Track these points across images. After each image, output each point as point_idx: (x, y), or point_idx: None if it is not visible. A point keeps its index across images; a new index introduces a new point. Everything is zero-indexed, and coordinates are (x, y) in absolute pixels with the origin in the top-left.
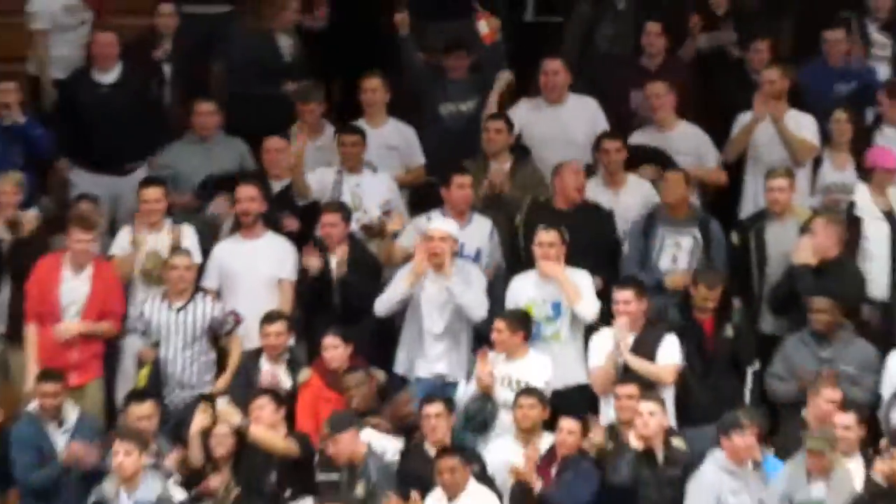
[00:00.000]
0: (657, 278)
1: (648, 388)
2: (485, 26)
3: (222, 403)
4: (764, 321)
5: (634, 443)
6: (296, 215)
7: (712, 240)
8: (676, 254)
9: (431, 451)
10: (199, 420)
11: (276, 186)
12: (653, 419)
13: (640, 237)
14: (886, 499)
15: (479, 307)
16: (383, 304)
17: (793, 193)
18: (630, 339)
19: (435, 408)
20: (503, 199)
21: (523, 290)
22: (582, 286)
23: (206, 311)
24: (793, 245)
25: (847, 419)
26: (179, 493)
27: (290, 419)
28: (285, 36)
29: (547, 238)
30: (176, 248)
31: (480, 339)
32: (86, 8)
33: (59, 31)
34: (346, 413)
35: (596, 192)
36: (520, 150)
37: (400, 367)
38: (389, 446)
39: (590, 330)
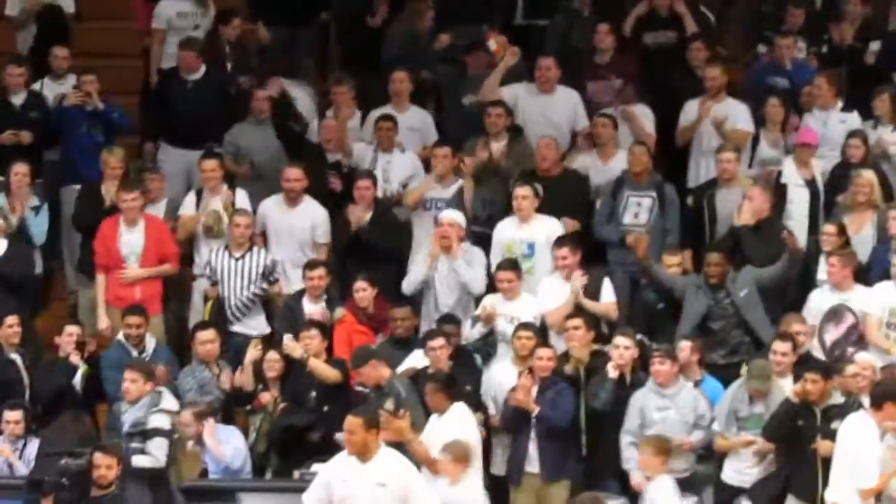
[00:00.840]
0: (622, 232)
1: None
2: (493, 44)
3: (288, 338)
4: None
5: (612, 372)
6: (342, 178)
7: (667, 200)
8: (638, 211)
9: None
10: (251, 354)
11: (331, 158)
12: (627, 352)
13: (609, 197)
14: (801, 414)
15: (478, 284)
16: (409, 285)
17: (739, 165)
18: (580, 287)
19: (438, 342)
20: (499, 170)
21: (505, 232)
22: (542, 230)
23: (260, 261)
24: (737, 207)
25: (784, 346)
26: (159, 421)
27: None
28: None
29: (521, 192)
30: (237, 210)
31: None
32: (203, 14)
33: (175, 32)
34: (364, 349)
35: (590, 162)
36: (515, 130)
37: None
38: None
39: None
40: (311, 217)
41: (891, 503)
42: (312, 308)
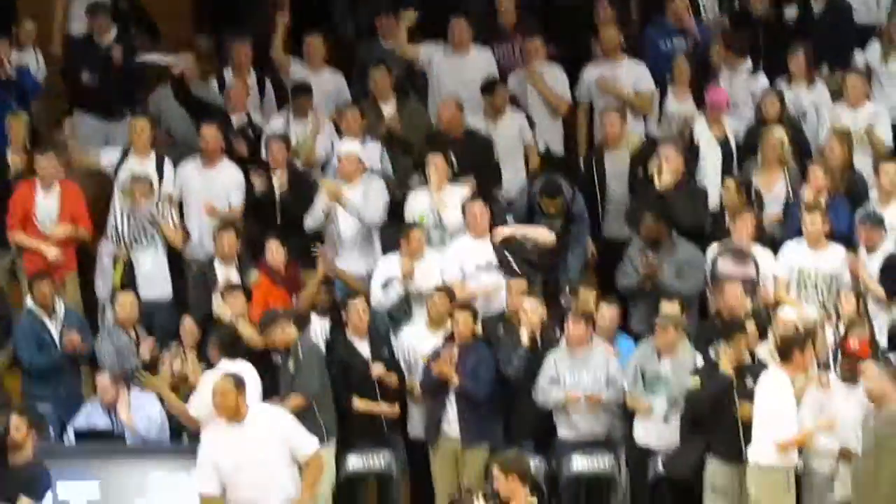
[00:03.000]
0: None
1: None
2: None
3: (216, 301)
4: (608, 228)
5: (525, 339)
6: (248, 143)
7: (576, 217)
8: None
9: (351, 335)
10: (174, 365)
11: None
12: (535, 315)
13: (523, 219)
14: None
15: (372, 214)
16: (311, 221)
17: (625, 127)
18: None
19: (361, 303)
20: (394, 135)
21: (418, 202)
22: (451, 198)
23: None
24: (625, 167)
25: (672, 308)
26: None
27: None
28: None
29: (433, 160)
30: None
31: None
32: None
33: None
34: (270, 313)
35: (478, 123)
36: (402, 92)
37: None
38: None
39: None
40: (229, 180)
41: (815, 457)
42: (224, 272)
